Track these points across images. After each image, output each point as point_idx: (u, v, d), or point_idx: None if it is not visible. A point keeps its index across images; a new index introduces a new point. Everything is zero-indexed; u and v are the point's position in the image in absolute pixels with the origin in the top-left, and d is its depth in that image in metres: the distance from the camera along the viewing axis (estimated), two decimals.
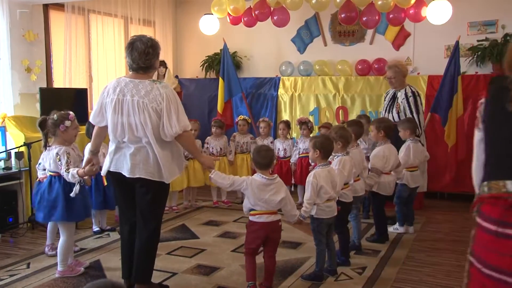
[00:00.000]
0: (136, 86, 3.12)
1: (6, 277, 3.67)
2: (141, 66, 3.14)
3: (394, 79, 5.27)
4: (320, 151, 3.50)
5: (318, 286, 3.48)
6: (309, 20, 7.31)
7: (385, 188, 4.43)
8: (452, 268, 3.88)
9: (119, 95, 3.12)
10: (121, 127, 3.11)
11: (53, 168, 3.66)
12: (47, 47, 5.89)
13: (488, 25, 6.34)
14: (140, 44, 3.13)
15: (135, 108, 3.06)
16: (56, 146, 3.64)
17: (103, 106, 3.20)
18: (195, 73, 7.88)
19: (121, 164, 3.15)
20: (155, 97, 3.06)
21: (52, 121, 3.64)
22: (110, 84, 3.23)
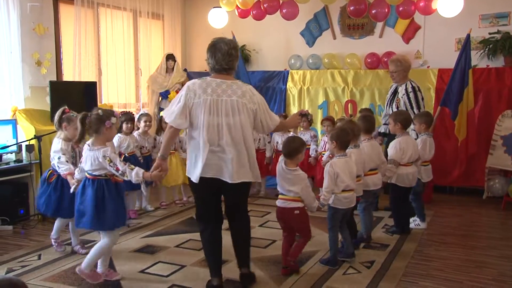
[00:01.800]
0: (230, 87, 3.13)
1: (18, 267, 3.72)
2: (224, 67, 3.18)
3: (396, 74, 5.23)
4: (336, 142, 3.67)
5: (326, 280, 3.48)
6: (318, 13, 7.27)
7: (403, 180, 4.42)
8: (460, 262, 3.87)
9: (213, 96, 3.07)
10: (217, 128, 3.05)
11: (93, 170, 3.30)
12: (57, 41, 5.92)
13: (500, 18, 6.26)
14: (224, 45, 3.17)
15: (234, 108, 3.07)
16: (99, 147, 3.28)
17: (186, 107, 3.07)
18: (203, 66, 7.87)
19: (221, 170, 3.07)
20: (251, 98, 3.14)
21: (97, 117, 3.29)
22: (194, 85, 3.12)
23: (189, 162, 3.18)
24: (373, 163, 4.21)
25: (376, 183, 4.22)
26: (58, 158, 3.76)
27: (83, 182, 3.36)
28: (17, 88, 5.39)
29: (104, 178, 3.30)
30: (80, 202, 3.32)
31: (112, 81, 6.69)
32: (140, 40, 7.17)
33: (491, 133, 5.82)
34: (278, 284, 3.40)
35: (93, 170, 3.28)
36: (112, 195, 3.30)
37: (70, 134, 3.82)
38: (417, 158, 4.53)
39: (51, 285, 3.39)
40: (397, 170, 4.40)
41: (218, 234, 3.32)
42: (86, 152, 3.33)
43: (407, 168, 4.44)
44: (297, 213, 3.45)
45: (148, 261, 3.85)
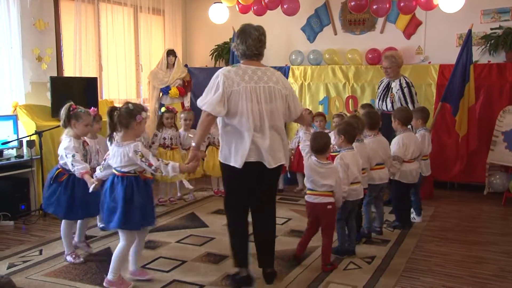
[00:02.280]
0: (265, 73, 3.15)
1: (19, 263, 3.73)
2: (255, 53, 3.17)
3: (390, 69, 5.31)
4: (344, 136, 3.76)
5: (326, 276, 3.49)
6: (319, 9, 7.25)
7: (406, 176, 4.47)
8: (461, 258, 3.88)
9: (250, 83, 3.07)
10: (259, 115, 3.07)
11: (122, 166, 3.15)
12: (57, 36, 5.90)
13: (502, 13, 6.24)
14: (253, 30, 3.16)
15: (272, 95, 3.11)
16: (129, 142, 3.15)
17: (225, 95, 3.03)
18: (204, 62, 7.87)
19: (262, 155, 3.09)
20: (284, 84, 3.22)
21: (127, 111, 3.14)
22: (230, 73, 3.08)
23: (227, 150, 3.13)
24: (379, 158, 4.26)
25: (382, 177, 4.27)
26: (72, 156, 3.50)
27: (111, 179, 3.18)
28: (17, 83, 5.38)
29: (134, 175, 3.17)
30: (111, 199, 3.15)
31: (113, 77, 6.68)
32: (141, 36, 7.15)
33: (492, 129, 5.81)
34: (280, 279, 3.40)
35: (122, 167, 3.14)
36: (141, 193, 3.17)
37: (80, 131, 3.65)
38: (419, 154, 4.56)
39: (53, 280, 3.40)
40: (401, 166, 4.43)
41: (247, 224, 3.32)
42: (113, 148, 3.18)
43: (410, 164, 4.48)
44: (330, 208, 3.54)
45: (149, 256, 3.85)
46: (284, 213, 5.15)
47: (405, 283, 3.37)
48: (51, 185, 3.68)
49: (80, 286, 3.31)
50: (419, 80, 6.24)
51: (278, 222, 4.69)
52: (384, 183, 4.33)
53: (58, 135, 5.16)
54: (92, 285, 3.31)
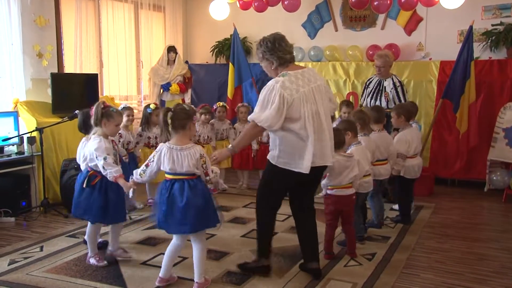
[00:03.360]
0: (308, 74, 3.21)
1: (20, 259, 3.74)
2: (292, 55, 3.27)
3: (383, 68, 5.37)
4: (351, 132, 3.87)
5: (327, 272, 3.49)
6: (320, 5, 7.23)
7: (409, 172, 4.53)
8: (462, 254, 3.88)
9: (303, 88, 3.12)
10: (318, 116, 3.12)
11: (192, 170, 3.00)
12: (58, 33, 5.89)
13: (503, 9, 6.22)
14: (276, 35, 3.28)
15: (320, 93, 3.18)
16: (192, 145, 3.03)
17: (286, 106, 3.03)
18: (205, 58, 7.86)
19: (324, 156, 3.17)
20: (322, 79, 3.32)
21: (184, 111, 3.00)
22: (284, 83, 3.07)
23: (287, 155, 3.12)
24: (381, 154, 4.30)
25: (383, 173, 4.32)
26: (104, 159, 3.31)
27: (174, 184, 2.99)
28: (18, 80, 5.38)
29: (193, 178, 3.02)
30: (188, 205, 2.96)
31: (114, 73, 6.68)
32: (142, 32, 7.14)
33: (493, 125, 5.81)
34: (280, 276, 3.41)
35: (193, 169, 2.98)
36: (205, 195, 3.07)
37: (110, 131, 3.46)
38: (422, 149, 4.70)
39: (54, 277, 3.40)
40: (405, 163, 4.48)
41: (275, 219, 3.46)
42: (171, 152, 2.97)
43: (413, 160, 4.54)
44: (354, 198, 3.73)
45: (150, 253, 3.86)
46: (284, 210, 5.13)
47: (406, 280, 3.38)
48: (83, 189, 3.46)
49: (81, 282, 3.31)
50: (420, 76, 6.23)
51: (279, 219, 4.70)
52: (385, 178, 4.39)
53: (59, 131, 5.20)
54: (93, 282, 3.31)
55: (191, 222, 2.99)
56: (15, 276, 3.43)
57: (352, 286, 3.27)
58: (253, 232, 4.40)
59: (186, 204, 2.95)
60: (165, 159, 3.00)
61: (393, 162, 4.43)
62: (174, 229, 3.07)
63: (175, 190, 2.99)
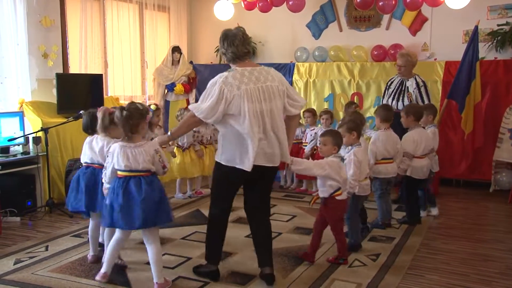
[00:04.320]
0: (261, 73, 3.17)
1: (26, 258, 3.76)
2: (245, 52, 3.20)
3: (404, 68, 5.33)
4: (356, 133, 3.84)
5: (331, 273, 3.49)
6: (325, 5, 7.23)
7: (417, 172, 4.50)
8: (467, 255, 3.86)
9: (249, 85, 3.08)
10: (261, 115, 3.08)
11: (148, 166, 3.11)
12: (63, 33, 5.92)
13: (509, 9, 6.19)
14: (236, 31, 3.20)
15: (270, 94, 3.13)
16: (145, 142, 3.18)
17: (226, 101, 3.03)
18: (209, 58, 7.87)
19: (268, 156, 3.12)
20: (280, 80, 3.21)
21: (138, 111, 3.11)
22: (227, 78, 3.08)
23: (231, 152, 3.12)
24: (388, 153, 4.32)
25: (390, 171, 4.34)
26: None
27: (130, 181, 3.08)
28: (24, 80, 5.40)
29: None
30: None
31: (118, 74, 6.70)
32: (146, 33, 7.16)
33: (499, 126, 5.78)
34: (284, 276, 3.41)
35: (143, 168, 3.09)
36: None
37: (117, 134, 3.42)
38: (431, 150, 4.63)
39: (59, 276, 3.41)
40: (411, 162, 4.46)
41: (227, 223, 3.40)
42: (125, 150, 3.07)
43: (421, 160, 4.51)
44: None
45: None
46: (289, 210, 5.15)
47: (410, 281, 3.37)
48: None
49: (85, 282, 3.32)
50: (425, 77, 6.17)
51: (283, 219, 4.71)
52: (392, 177, 4.40)
53: (64, 131, 5.22)
54: (97, 281, 3.32)
55: (148, 216, 3.04)
56: (20, 275, 3.44)
57: (357, 286, 3.26)
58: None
59: (145, 198, 3.03)
60: (119, 158, 3.07)
61: (399, 161, 4.42)
62: (130, 224, 3.09)
63: (131, 187, 3.05)
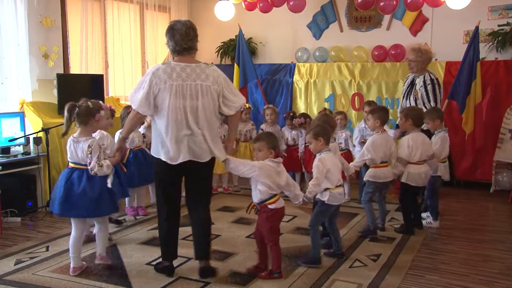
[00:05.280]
0: (194, 70, 3.18)
1: (26, 259, 3.76)
2: (184, 47, 3.22)
3: (414, 63, 4.99)
4: (324, 139, 3.57)
5: (332, 273, 3.49)
6: (325, 6, 7.23)
7: (414, 179, 4.26)
8: (467, 256, 3.86)
9: (177, 80, 3.13)
10: (184, 112, 3.12)
11: (85, 160, 3.35)
12: (64, 33, 5.92)
13: (509, 9, 6.19)
14: (180, 25, 3.22)
15: (198, 92, 3.14)
16: (89, 137, 3.36)
17: (151, 94, 3.12)
18: (210, 59, 7.85)
19: (192, 152, 3.16)
20: (216, 79, 3.21)
21: (86, 108, 3.34)
22: (159, 70, 3.15)
23: (156, 145, 3.22)
24: (384, 156, 4.22)
25: (387, 175, 4.25)
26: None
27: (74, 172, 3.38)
28: (24, 81, 5.41)
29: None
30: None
31: (119, 74, 6.70)
32: (147, 33, 7.17)
33: (499, 126, 5.78)
34: (285, 277, 3.41)
35: (82, 161, 3.36)
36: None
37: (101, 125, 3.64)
38: (431, 156, 4.32)
39: (59, 277, 3.42)
40: (406, 168, 4.26)
41: (175, 219, 3.43)
42: (72, 143, 3.37)
43: (419, 167, 4.26)
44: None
45: (155, 253, 3.86)
46: (289, 210, 5.12)
47: (411, 281, 3.37)
48: None
49: (86, 282, 3.32)
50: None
51: (284, 220, 4.69)
52: (388, 181, 4.29)
53: None
54: (98, 282, 3.33)
55: (84, 209, 3.33)
56: (21, 276, 3.45)
57: (357, 287, 3.26)
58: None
59: (82, 192, 3.29)
60: (68, 150, 3.41)
61: (393, 165, 4.28)
62: (67, 213, 3.38)
63: (74, 178, 3.34)
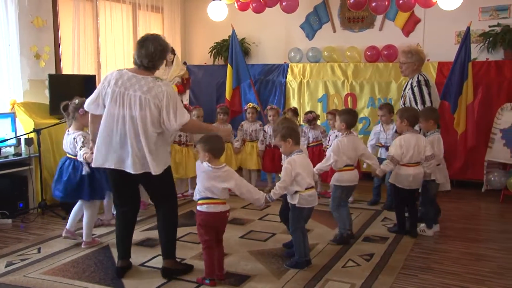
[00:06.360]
0: (139, 82, 3.20)
1: (17, 261, 3.73)
2: (144, 66, 3.27)
3: (405, 65, 4.71)
4: (292, 139, 3.50)
5: (325, 273, 3.49)
6: (318, 6, 7.24)
7: (401, 181, 4.17)
8: (460, 255, 3.88)
9: (120, 88, 3.19)
10: (119, 119, 3.17)
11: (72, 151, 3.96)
12: (56, 34, 5.88)
13: (500, 10, 6.24)
14: (151, 45, 3.23)
15: (136, 103, 3.15)
16: (76, 131, 3.93)
17: (100, 95, 3.26)
18: (203, 59, 7.86)
19: (121, 161, 3.21)
20: (157, 94, 3.17)
21: (73, 105, 3.89)
22: (112, 75, 3.27)
23: (96, 148, 3.28)
24: (350, 159, 4.07)
25: (352, 179, 4.10)
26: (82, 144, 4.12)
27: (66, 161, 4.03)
28: (15, 81, 5.36)
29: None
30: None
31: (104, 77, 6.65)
32: (140, 33, 7.12)
33: (491, 126, 5.82)
34: (278, 277, 3.41)
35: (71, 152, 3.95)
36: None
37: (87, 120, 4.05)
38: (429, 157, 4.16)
39: (51, 279, 3.39)
40: (395, 168, 4.18)
41: (130, 218, 3.49)
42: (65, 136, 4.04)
43: (408, 168, 4.14)
44: (228, 215, 3.37)
45: (148, 254, 3.86)
46: None
47: (404, 281, 3.38)
48: None
49: (78, 284, 3.30)
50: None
51: (276, 220, 4.70)
52: (354, 185, 4.14)
53: (57, 132, 5.19)
54: (90, 283, 3.31)
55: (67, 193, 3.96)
56: (12, 278, 3.42)
57: (351, 286, 3.27)
58: (252, 233, 4.42)
59: (67, 179, 3.94)
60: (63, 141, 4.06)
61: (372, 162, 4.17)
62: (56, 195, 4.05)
63: (64, 166, 4.00)
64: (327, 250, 3.93)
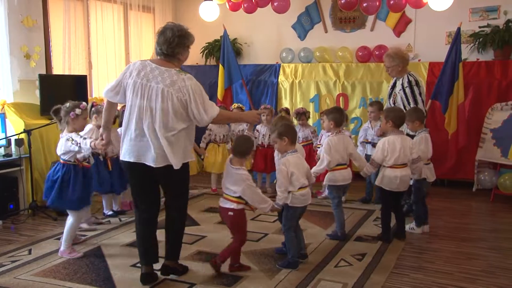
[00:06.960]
0: (161, 74, 3.14)
1: (8, 263, 3.69)
2: (164, 53, 3.21)
3: (390, 69, 4.87)
4: (288, 138, 3.52)
5: (317, 273, 3.50)
6: (310, 6, 7.25)
7: (387, 183, 4.06)
8: (451, 254, 3.91)
9: (142, 80, 3.12)
10: (141, 111, 3.09)
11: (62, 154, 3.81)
12: (46, 34, 5.83)
13: (490, 11, 6.30)
14: (169, 31, 3.22)
15: (159, 95, 3.08)
16: (68, 133, 3.78)
17: (121, 85, 3.19)
18: (195, 59, 7.84)
19: (143, 154, 3.12)
20: (181, 88, 3.11)
21: (65, 109, 3.79)
22: (135, 65, 3.19)
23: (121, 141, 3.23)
24: (341, 157, 4.09)
25: (346, 177, 4.14)
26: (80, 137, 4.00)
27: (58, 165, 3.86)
28: (5, 81, 5.32)
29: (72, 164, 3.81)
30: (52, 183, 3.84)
31: (103, 75, 6.63)
32: (131, 33, 7.11)
33: (481, 126, 5.86)
34: (271, 277, 3.41)
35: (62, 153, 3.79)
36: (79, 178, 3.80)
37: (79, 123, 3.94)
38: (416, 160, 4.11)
39: (42, 280, 3.36)
40: (374, 170, 4.16)
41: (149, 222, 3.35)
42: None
43: (395, 170, 4.03)
44: (231, 214, 3.40)
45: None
46: None
47: (396, 280, 3.39)
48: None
49: (70, 285, 3.28)
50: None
51: (269, 220, 4.70)
52: (347, 184, 4.19)
53: (47, 133, 5.16)
54: (82, 285, 3.28)
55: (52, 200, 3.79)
56: (2, 280, 3.38)
57: (343, 286, 3.27)
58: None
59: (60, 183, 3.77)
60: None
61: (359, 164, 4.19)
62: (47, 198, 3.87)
63: (56, 170, 3.84)
64: (319, 250, 3.93)
